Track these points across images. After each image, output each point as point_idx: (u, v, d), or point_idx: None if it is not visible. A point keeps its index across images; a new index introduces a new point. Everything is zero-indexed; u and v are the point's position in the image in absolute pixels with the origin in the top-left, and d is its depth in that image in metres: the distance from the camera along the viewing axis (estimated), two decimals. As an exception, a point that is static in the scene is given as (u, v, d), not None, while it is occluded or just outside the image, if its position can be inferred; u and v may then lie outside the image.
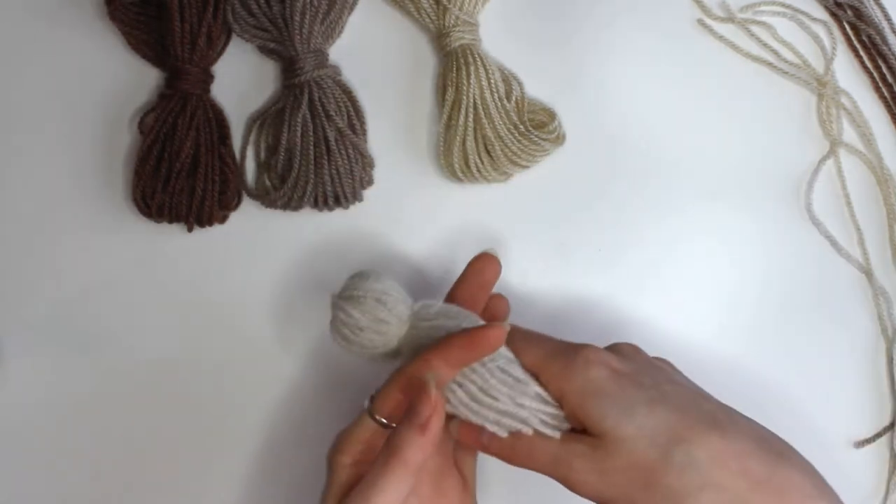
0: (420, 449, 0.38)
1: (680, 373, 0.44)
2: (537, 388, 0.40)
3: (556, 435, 0.40)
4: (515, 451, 0.41)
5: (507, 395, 0.40)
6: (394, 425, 0.40)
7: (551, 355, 0.41)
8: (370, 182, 0.51)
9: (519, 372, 0.41)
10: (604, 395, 0.39)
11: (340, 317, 0.41)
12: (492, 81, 0.50)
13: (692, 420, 0.39)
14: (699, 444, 0.38)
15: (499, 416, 0.40)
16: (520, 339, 0.42)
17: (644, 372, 0.41)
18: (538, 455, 0.40)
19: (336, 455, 0.41)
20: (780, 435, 0.45)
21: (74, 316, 0.50)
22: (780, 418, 0.50)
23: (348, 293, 0.42)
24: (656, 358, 0.44)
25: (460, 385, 0.40)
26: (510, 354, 0.41)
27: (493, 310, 0.46)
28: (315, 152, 0.49)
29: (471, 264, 0.46)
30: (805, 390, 0.51)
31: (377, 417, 0.41)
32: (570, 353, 0.40)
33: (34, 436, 0.50)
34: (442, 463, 0.43)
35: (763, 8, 0.55)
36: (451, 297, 0.45)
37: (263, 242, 0.51)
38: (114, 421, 0.50)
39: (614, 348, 0.43)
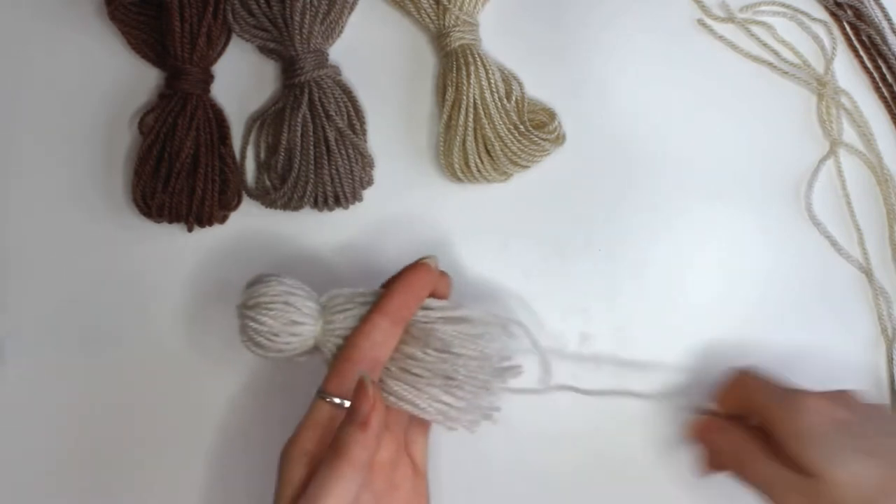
0: (363, 446, 0.38)
1: None
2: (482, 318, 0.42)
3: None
4: (741, 465, 0.44)
5: (469, 340, 0.41)
6: (345, 404, 0.40)
7: (777, 399, 0.44)
8: (370, 182, 0.51)
9: (460, 312, 0.42)
10: (822, 442, 0.41)
11: (252, 326, 0.41)
12: (492, 81, 0.50)
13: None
14: None
15: (469, 366, 0.41)
16: (751, 383, 0.46)
17: (866, 422, 0.43)
18: (759, 473, 0.43)
19: (288, 448, 0.41)
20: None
21: (74, 316, 0.50)
22: (780, 418, 0.50)
23: (254, 300, 0.42)
24: (876, 406, 0.47)
25: (415, 357, 0.41)
26: (441, 302, 0.42)
27: (437, 294, 0.45)
28: (315, 152, 0.49)
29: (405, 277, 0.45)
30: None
31: (328, 399, 0.40)
32: (796, 400, 0.43)
33: (34, 435, 0.50)
34: (394, 454, 0.44)
35: (763, 8, 0.55)
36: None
37: (263, 242, 0.51)
38: (114, 421, 0.50)
39: (837, 395, 0.44)
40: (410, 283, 0.42)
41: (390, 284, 0.44)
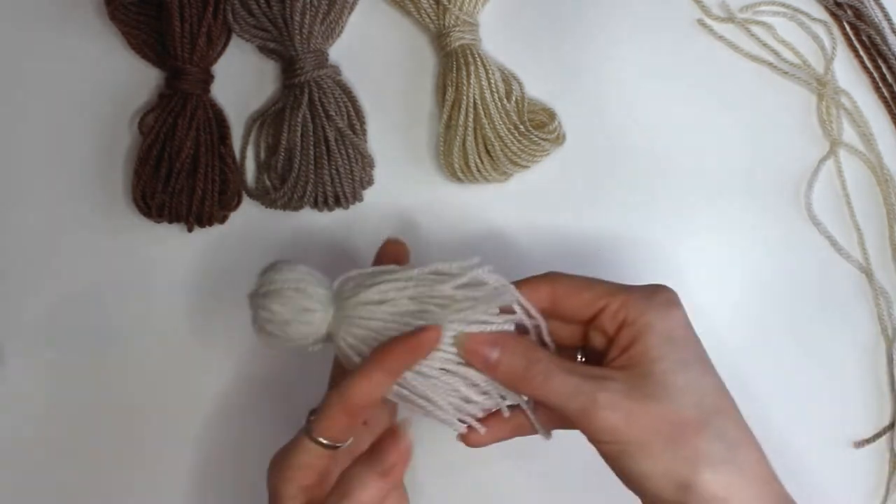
0: (379, 491, 0.37)
1: None
2: (477, 377, 0.40)
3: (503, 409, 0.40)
4: (528, 375, 0.38)
5: (454, 394, 0.40)
6: (338, 446, 0.38)
7: (622, 289, 0.40)
8: (370, 182, 0.51)
9: (457, 367, 0.40)
10: (672, 340, 0.38)
11: (263, 315, 0.40)
12: (492, 81, 0.50)
13: (730, 398, 0.39)
14: (735, 422, 0.38)
15: (448, 412, 0.40)
16: (566, 281, 0.41)
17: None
18: (556, 384, 0.38)
19: (281, 484, 0.38)
20: (781, 434, 0.45)
21: (74, 316, 0.50)
22: (780, 418, 0.50)
23: (265, 289, 0.40)
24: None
25: (405, 387, 0.39)
26: (447, 353, 0.40)
27: (394, 255, 0.43)
28: (315, 152, 0.49)
29: (380, 253, 0.43)
30: (805, 390, 0.51)
31: (319, 440, 0.38)
32: (648, 289, 0.40)
33: (34, 435, 0.50)
34: None
35: (763, 8, 0.55)
36: None
37: (263, 242, 0.51)
38: (114, 420, 0.50)
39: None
40: (418, 347, 0.38)
41: (400, 340, 0.39)
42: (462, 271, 0.40)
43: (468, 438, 0.41)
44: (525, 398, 0.41)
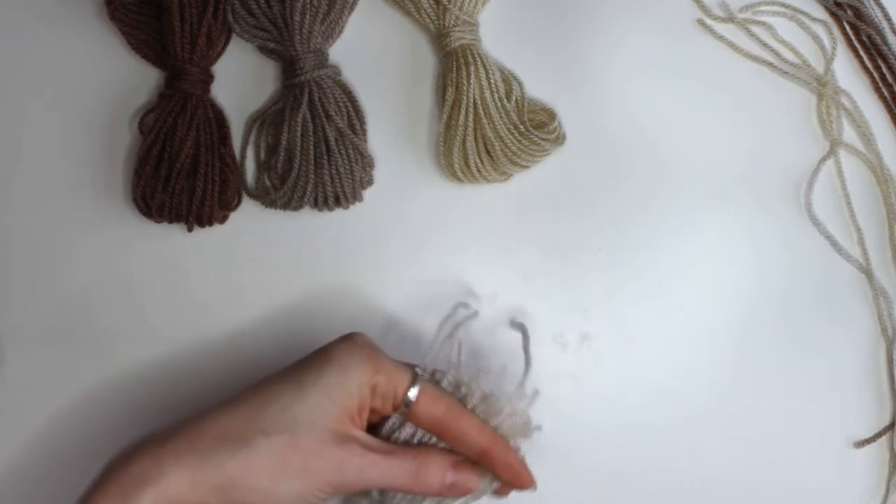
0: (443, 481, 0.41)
1: None
2: None
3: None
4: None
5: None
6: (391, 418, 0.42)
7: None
8: (370, 182, 0.51)
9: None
10: None
11: None
12: (492, 81, 0.50)
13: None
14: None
15: None
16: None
17: None
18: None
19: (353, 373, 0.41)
20: (781, 434, 0.45)
21: (74, 316, 0.50)
22: (780, 418, 0.50)
23: None
24: None
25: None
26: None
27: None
28: (315, 152, 0.49)
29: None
30: (805, 390, 0.51)
31: (411, 399, 0.41)
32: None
33: (34, 436, 0.50)
34: None
35: (763, 8, 0.55)
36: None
37: (263, 242, 0.51)
38: (114, 421, 0.50)
39: None
40: (520, 475, 0.43)
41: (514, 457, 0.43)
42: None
43: None
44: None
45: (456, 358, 0.44)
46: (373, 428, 0.43)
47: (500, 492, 0.44)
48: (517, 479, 0.42)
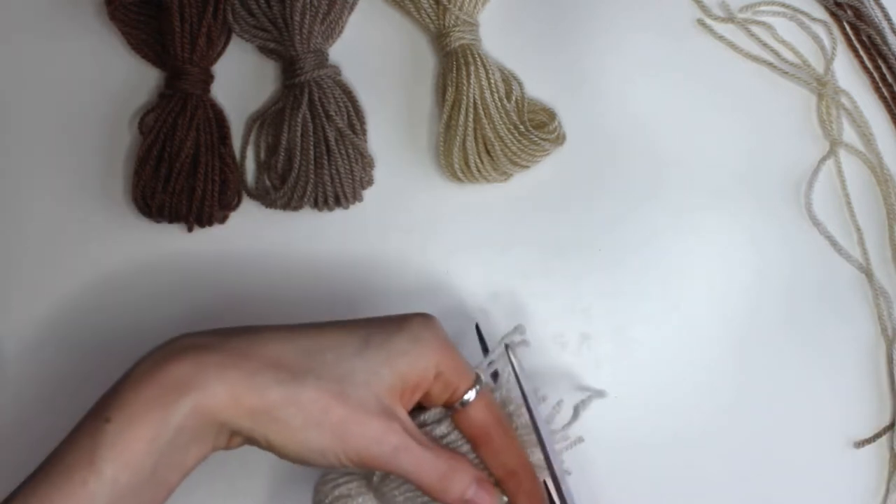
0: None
1: None
2: None
3: None
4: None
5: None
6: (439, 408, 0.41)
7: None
8: (370, 182, 0.51)
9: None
10: None
11: None
12: (492, 81, 0.50)
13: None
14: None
15: None
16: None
17: None
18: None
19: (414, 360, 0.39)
20: (781, 434, 0.45)
21: (75, 316, 0.50)
22: (780, 418, 0.50)
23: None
24: None
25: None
26: None
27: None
28: (315, 152, 0.49)
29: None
30: (805, 390, 0.51)
31: (466, 400, 0.40)
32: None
33: (34, 436, 0.50)
34: None
35: (763, 8, 0.55)
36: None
37: (263, 242, 0.51)
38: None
39: None
40: (537, 492, 0.42)
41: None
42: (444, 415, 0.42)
43: None
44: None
45: (508, 378, 0.44)
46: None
47: None
48: None
